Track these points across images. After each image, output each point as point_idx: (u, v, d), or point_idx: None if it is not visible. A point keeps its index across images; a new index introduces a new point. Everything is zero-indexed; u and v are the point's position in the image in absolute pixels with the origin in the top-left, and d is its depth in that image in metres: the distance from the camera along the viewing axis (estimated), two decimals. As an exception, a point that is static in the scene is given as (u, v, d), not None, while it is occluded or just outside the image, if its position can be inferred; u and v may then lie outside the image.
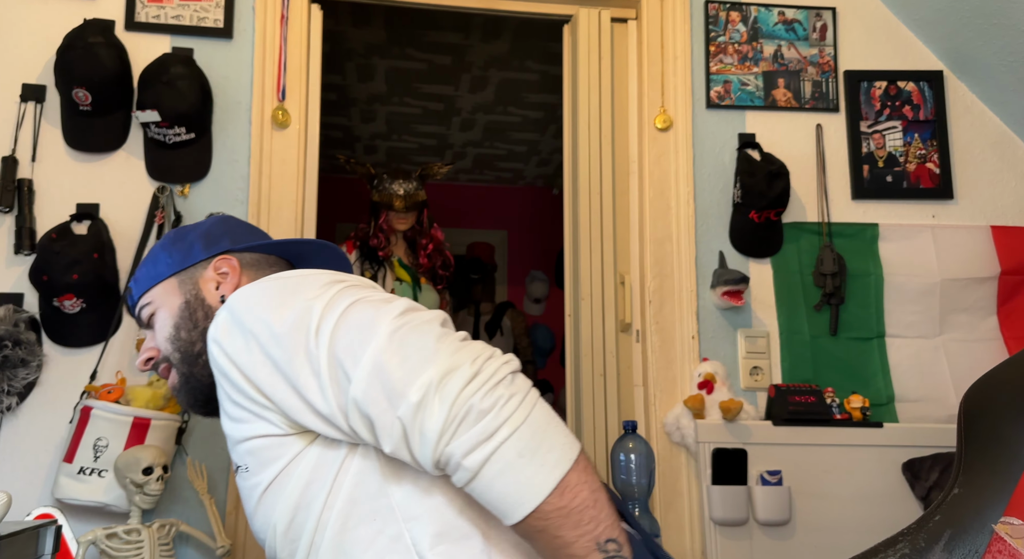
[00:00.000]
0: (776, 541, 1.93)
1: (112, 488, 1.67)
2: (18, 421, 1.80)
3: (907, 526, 1.13)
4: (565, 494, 0.80)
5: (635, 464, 1.70)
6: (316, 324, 0.88)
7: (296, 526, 0.93)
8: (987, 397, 1.16)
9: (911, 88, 2.30)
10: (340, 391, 0.87)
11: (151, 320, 1.18)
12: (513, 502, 0.80)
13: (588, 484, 0.82)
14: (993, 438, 1.12)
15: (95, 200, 1.92)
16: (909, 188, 2.25)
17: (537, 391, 0.86)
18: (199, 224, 1.23)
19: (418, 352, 0.84)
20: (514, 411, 0.81)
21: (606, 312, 2.15)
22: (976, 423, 1.15)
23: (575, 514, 0.80)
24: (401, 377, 0.82)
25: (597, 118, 2.24)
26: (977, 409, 1.16)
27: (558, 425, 0.84)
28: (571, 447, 0.83)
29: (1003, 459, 1.09)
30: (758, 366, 2.10)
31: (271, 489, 0.95)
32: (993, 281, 2.18)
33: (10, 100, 1.93)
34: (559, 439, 0.82)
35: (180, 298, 1.15)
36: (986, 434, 1.13)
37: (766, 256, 2.17)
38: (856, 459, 1.98)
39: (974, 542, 1.05)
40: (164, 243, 1.20)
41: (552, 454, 0.81)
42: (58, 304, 1.80)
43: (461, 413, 0.80)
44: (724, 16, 2.28)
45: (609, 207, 2.20)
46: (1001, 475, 1.08)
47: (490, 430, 0.79)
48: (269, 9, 2.06)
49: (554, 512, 0.80)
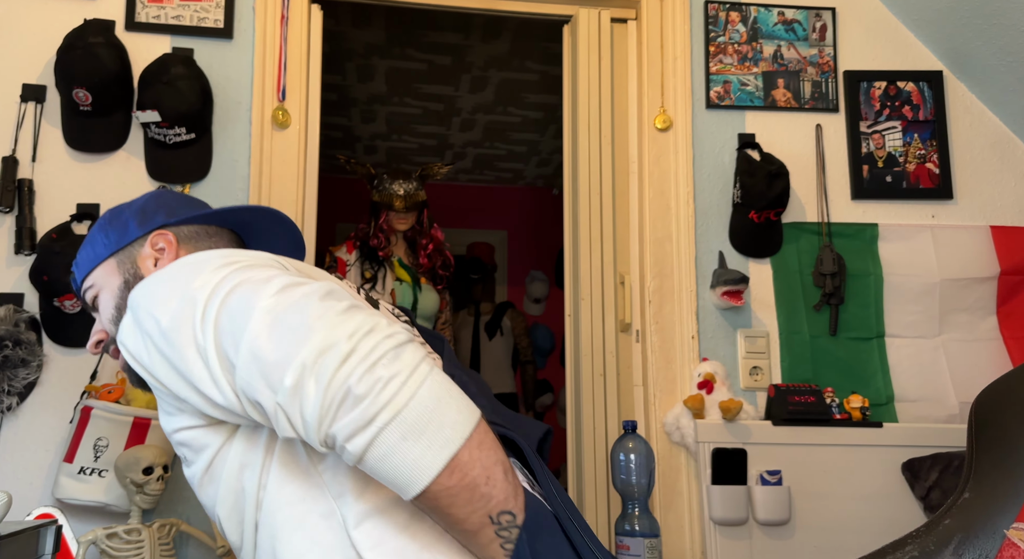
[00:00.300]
0: (776, 541, 1.93)
1: (112, 488, 1.67)
2: (18, 421, 1.80)
3: (915, 529, 1.13)
4: (455, 474, 0.77)
5: (635, 464, 1.70)
6: (201, 314, 0.85)
7: (237, 510, 0.93)
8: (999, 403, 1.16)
9: (911, 88, 2.30)
10: (230, 380, 0.84)
11: (95, 302, 1.14)
12: (402, 483, 0.78)
13: (480, 461, 0.79)
14: (1005, 444, 1.12)
15: (95, 200, 1.92)
16: (909, 188, 2.25)
17: (429, 363, 0.80)
18: (134, 201, 1.18)
19: (292, 331, 0.79)
20: (395, 393, 0.76)
21: (606, 312, 2.15)
22: (987, 429, 1.15)
23: (465, 492, 0.78)
24: (276, 361, 0.79)
25: (597, 118, 2.24)
26: (989, 415, 1.16)
27: (449, 401, 0.79)
28: (463, 424, 0.79)
29: (1015, 465, 1.09)
30: (758, 366, 2.10)
31: (208, 476, 0.95)
32: (992, 281, 2.19)
33: (10, 100, 1.93)
34: (449, 418, 0.78)
35: (119, 278, 1.11)
36: (998, 440, 1.13)
37: (766, 256, 2.17)
38: (856, 459, 1.98)
39: (984, 547, 1.05)
40: (101, 223, 1.16)
41: (441, 434, 0.77)
42: (58, 304, 1.80)
43: (338, 397, 0.76)
44: (724, 16, 2.29)
45: (609, 207, 2.20)
46: (1013, 481, 1.08)
47: (369, 416, 0.75)
48: (269, 9, 2.06)
49: (443, 492, 0.78)
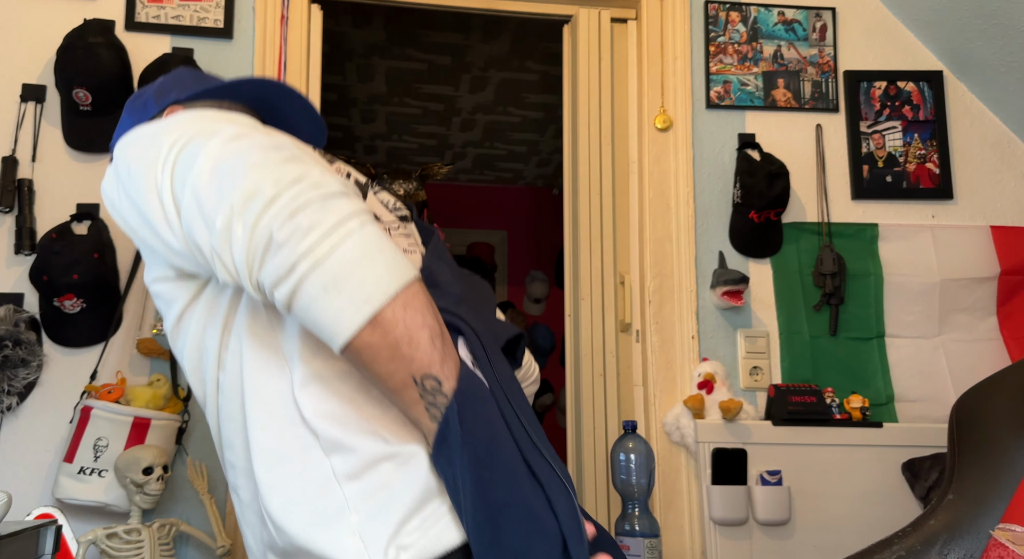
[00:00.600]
0: (776, 541, 1.93)
1: (112, 488, 1.67)
2: (18, 421, 1.80)
3: (901, 529, 1.14)
4: (376, 330, 0.77)
5: (635, 464, 1.70)
6: (163, 158, 0.84)
7: (200, 368, 0.95)
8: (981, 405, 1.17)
9: (911, 88, 2.30)
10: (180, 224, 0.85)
11: None
12: (326, 335, 0.78)
13: (404, 321, 0.78)
14: (987, 445, 1.13)
15: (95, 200, 1.92)
16: (909, 188, 2.25)
17: (363, 219, 0.79)
18: (155, 81, 1.17)
19: (228, 175, 0.79)
20: (316, 244, 0.75)
21: (606, 312, 2.15)
22: (968, 432, 1.16)
23: (386, 350, 0.78)
24: (212, 203, 0.79)
25: (597, 118, 2.24)
26: (970, 416, 1.17)
27: (378, 257, 0.78)
28: (389, 282, 0.78)
29: (998, 466, 1.10)
30: (758, 366, 2.10)
31: (176, 330, 0.96)
32: (993, 281, 2.19)
33: (10, 100, 1.93)
34: (373, 273, 0.77)
35: None
36: (980, 441, 1.14)
37: (766, 256, 2.17)
38: (856, 459, 1.98)
39: (969, 546, 1.06)
40: (126, 105, 1.17)
41: (363, 289, 0.76)
42: (58, 304, 1.80)
43: (262, 243, 0.76)
44: (724, 16, 2.29)
45: (609, 207, 2.20)
46: (995, 482, 1.09)
47: (289, 263, 0.75)
48: (269, 9, 2.06)
49: (364, 347, 0.77)
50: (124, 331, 1.88)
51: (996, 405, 1.15)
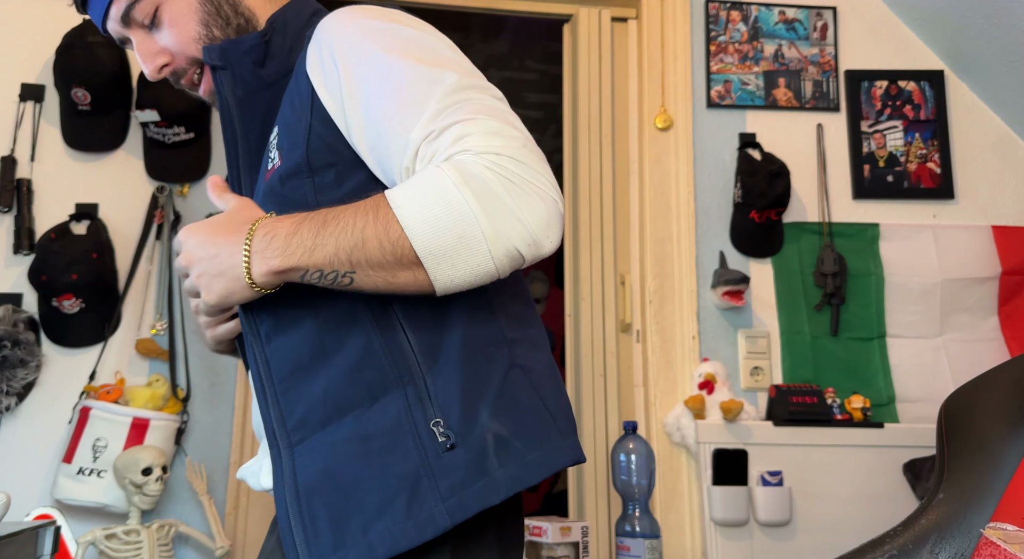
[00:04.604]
0: (777, 542, 1.93)
1: (111, 488, 1.66)
2: (17, 421, 1.80)
3: (892, 528, 1.15)
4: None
5: (635, 465, 1.70)
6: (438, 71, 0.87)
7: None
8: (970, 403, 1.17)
9: (912, 88, 2.29)
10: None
11: (155, 17, 1.00)
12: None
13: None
14: (977, 443, 1.13)
15: (94, 200, 1.91)
16: (910, 188, 2.24)
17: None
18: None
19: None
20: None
21: (606, 312, 2.15)
22: (957, 431, 1.16)
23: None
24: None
25: (597, 118, 2.24)
26: (959, 414, 1.17)
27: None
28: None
29: (987, 464, 1.10)
30: (759, 366, 2.09)
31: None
32: (994, 281, 2.18)
33: (9, 100, 1.92)
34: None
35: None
36: (969, 439, 1.14)
37: (767, 256, 2.16)
38: (857, 459, 1.97)
39: (960, 545, 1.06)
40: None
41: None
42: (57, 304, 1.80)
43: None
44: (724, 15, 2.28)
45: (609, 207, 2.20)
46: (985, 481, 1.09)
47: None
48: (269, 8, 2.05)
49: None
50: (123, 331, 1.87)
51: (985, 403, 1.15)
